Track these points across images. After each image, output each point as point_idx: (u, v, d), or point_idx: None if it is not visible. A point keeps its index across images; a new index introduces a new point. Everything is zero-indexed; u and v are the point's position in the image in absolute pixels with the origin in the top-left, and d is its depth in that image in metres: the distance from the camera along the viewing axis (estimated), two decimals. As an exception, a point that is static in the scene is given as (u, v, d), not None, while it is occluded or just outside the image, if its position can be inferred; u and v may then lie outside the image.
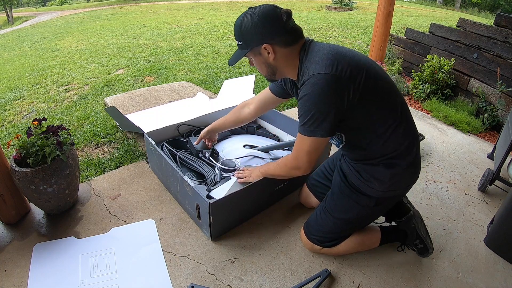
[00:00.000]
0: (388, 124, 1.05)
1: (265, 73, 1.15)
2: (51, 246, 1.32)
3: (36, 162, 1.29)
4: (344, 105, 0.98)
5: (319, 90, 0.95)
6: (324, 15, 9.04)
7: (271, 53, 1.05)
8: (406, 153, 1.08)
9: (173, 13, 10.59)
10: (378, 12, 2.23)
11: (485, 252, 1.40)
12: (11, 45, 7.66)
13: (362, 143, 1.09)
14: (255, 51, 1.08)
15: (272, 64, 1.09)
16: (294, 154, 1.12)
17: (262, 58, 1.09)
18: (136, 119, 2.14)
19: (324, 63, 0.96)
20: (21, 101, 3.02)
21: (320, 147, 1.06)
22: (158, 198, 1.61)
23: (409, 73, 3.62)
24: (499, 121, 2.56)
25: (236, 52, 1.14)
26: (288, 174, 1.22)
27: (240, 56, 1.11)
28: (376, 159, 1.10)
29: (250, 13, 1.03)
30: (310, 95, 0.96)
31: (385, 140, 1.06)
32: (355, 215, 1.19)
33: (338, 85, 0.95)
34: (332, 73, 0.94)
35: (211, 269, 1.25)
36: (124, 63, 4.27)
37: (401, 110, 1.08)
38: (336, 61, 0.96)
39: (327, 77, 0.94)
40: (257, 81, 3.30)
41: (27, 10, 27.86)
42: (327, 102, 0.96)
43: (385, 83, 1.06)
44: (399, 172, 1.09)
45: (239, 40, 1.08)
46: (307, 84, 0.97)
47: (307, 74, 0.99)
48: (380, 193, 1.13)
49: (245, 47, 1.08)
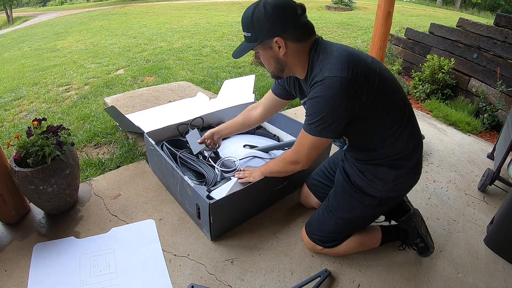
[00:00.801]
0: (396, 126, 1.04)
1: (272, 68, 1.09)
2: (51, 246, 1.32)
3: (36, 162, 1.29)
4: (356, 109, 0.96)
5: (334, 93, 0.92)
6: (324, 15, 9.04)
7: (283, 47, 1.00)
8: (411, 154, 1.08)
9: (173, 13, 10.59)
10: (378, 12, 2.22)
11: (485, 252, 1.40)
12: (11, 45, 7.66)
13: (370, 145, 1.08)
14: (265, 44, 1.02)
15: (282, 59, 1.04)
16: (295, 149, 1.11)
17: (272, 52, 1.03)
18: (136, 119, 2.14)
19: (340, 65, 0.93)
20: (21, 101, 3.02)
21: (323, 146, 1.05)
22: (158, 198, 1.61)
23: (409, 73, 3.62)
24: (499, 121, 2.56)
25: (242, 45, 1.07)
26: (286, 169, 1.21)
27: (248, 49, 1.04)
28: (381, 159, 1.09)
29: (263, 3, 0.97)
30: (323, 97, 0.94)
31: (393, 141, 1.05)
32: (358, 214, 1.19)
33: (353, 89, 0.93)
34: (348, 77, 0.91)
35: (211, 269, 1.25)
36: (124, 63, 4.27)
37: (407, 111, 1.08)
38: (352, 64, 0.93)
39: (343, 81, 0.91)
40: (257, 81, 3.30)
41: (27, 10, 27.86)
42: (341, 107, 0.94)
43: (393, 84, 1.05)
44: (403, 173, 1.09)
45: (248, 32, 1.01)
46: (321, 85, 0.94)
47: (320, 75, 0.95)
48: (383, 194, 1.13)
49: (255, 39, 1.01)
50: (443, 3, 17.83)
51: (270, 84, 3.25)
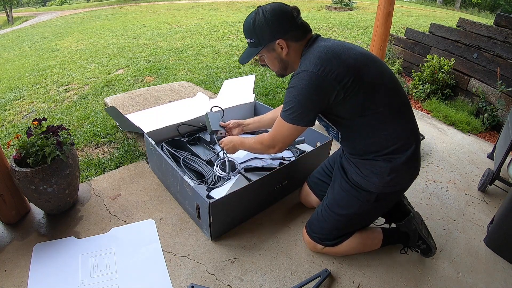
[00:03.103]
0: (385, 118, 1.06)
1: (277, 68, 1.19)
2: (51, 246, 1.32)
3: (36, 162, 1.29)
4: (326, 102, 1.04)
5: (303, 85, 1.01)
6: (324, 15, 9.04)
7: (285, 48, 1.10)
8: (405, 148, 1.09)
9: (173, 13, 10.59)
10: (378, 12, 2.22)
11: (485, 252, 1.40)
12: (11, 45, 7.66)
13: (361, 138, 1.12)
14: (268, 47, 1.11)
15: (285, 59, 1.14)
16: (271, 134, 1.18)
17: (275, 53, 1.13)
18: (136, 119, 2.14)
19: (314, 61, 1.01)
20: (21, 101, 3.02)
21: (296, 134, 1.13)
22: (158, 198, 1.61)
23: (409, 73, 3.62)
24: (499, 121, 2.56)
25: (247, 50, 1.17)
26: (263, 151, 1.27)
27: (254, 54, 1.14)
28: (375, 153, 1.11)
29: (262, 11, 1.08)
30: (295, 88, 1.03)
31: (382, 133, 1.07)
32: (356, 211, 1.20)
33: (321, 84, 1.00)
34: (318, 73, 0.99)
35: (211, 269, 1.25)
36: (124, 63, 4.27)
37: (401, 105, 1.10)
38: (326, 62, 1.00)
39: (312, 76, 1.00)
40: (257, 81, 3.30)
41: (27, 10, 27.87)
42: (308, 98, 1.02)
43: (384, 80, 1.07)
44: (398, 167, 1.09)
45: (252, 38, 1.12)
46: (296, 77, 1.04)
47: (299, 68, 1.05)
48: (380, 188, 1.13)
49: (259, 44, 1.12)
50: (443, 3, 17.83)
51: (270, 84, 3.25)
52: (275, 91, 3.11)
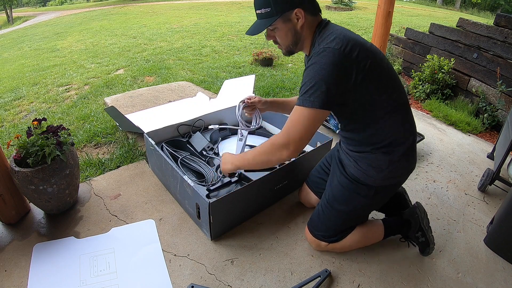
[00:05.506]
0: (388, 109, 1.06)
1: (289, 41, 1.11)
2: (51, 246, 1.32)
3: (36, 162, 1.29)
4: (345, 81, 0.98)
5: (328, 61, 0.96)
6: (324, 15, 8.93)
7: (302, 18, 1.05)
8: (402, 140, 1.10)
9: (173, 13, 10.59)
10: (378, 12, 2.22)
11: (485, 252, 1.40)
12: (11, 45, 7.66)
13: (362, 126, 1.10)
14: (284, 17, 1.05)
15: (299, 31, 1.08)
16: (285, 130, 1.05)
17: (291, 24, 1.06)
18: (136, 119, 2.14)
19: (336, 40, 0.98)
20: (21, 101, 3.02)
21: (316, 121, 1.01)
22: (158, 198, 1.61)
23: (409, 73, 3.62)
24: (499, 121, 2.56)
25: (258, 22, 1.08)
26: (272, 157, 1.09)
27: (267, 24, 1.05)
28: (373, 145, 1.11)
29: None
30: (316, 64, 0.98)
31: (382, 125, 1.07)
32: (356, 205, 1.20)
33: (344, 61, 0.97)
34: (342, 50, 0.96)
35: (211, 269, 1.25)
36: (124, 63, 4.27)
37: (400, 98, 1.10)
38: (347, 42, 0.97)
39: (335, 52, 0.96)
40: (257, 81, 3.30)
41: (27, 10, 27.85)
42: (332, 75, 0.96)
43: (389, 72, 1.07)
44: (396, 159, 1.10)
45: (267, 7, 1.04)
46: (317, 55, 0.99)
47: (317, 48, 1.01)
48: (378, 182, 1.14)
49: (275, 13, 1.04)
50: (443, 3, 17.83)
51: (270, 84, 3.25)
52: (275, 91, 3.11)
